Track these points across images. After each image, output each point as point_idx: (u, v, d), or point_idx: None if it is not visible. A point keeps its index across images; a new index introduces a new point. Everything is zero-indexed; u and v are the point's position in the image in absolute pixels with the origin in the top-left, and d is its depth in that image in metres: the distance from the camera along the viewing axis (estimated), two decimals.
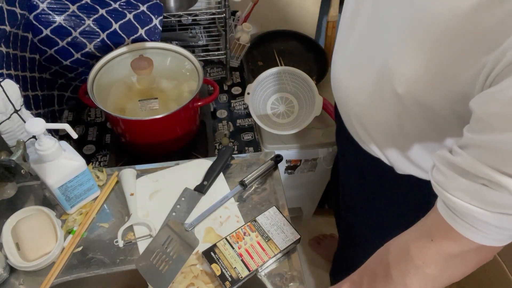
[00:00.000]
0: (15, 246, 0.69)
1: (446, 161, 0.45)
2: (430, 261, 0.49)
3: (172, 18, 1.10)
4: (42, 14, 0.95)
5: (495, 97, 0.39)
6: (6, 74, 0.83)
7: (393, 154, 0.69)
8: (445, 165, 0.45)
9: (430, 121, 0.57)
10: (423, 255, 0.49)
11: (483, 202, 0.41)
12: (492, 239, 0.44)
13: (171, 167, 0.84)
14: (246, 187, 0.80)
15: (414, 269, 0.50)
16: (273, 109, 1.15)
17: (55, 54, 1.01)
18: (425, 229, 0.50)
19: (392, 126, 0.64)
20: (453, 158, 0.43)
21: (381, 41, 0.57)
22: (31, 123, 0.62)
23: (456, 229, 0.45)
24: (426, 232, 0.49)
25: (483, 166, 0.39)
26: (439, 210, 0.47)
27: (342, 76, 0.71)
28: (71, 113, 1.14)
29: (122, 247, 0.72)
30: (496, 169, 0.38)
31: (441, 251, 0.48)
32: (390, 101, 0.59)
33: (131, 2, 1.01)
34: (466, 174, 0.42)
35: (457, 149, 0.43)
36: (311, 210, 1.61)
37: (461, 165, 0.42)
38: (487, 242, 0.45)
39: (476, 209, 0.42)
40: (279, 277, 0.69)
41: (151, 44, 1.00)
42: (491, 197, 0.40)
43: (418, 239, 0.50)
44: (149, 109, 0.92)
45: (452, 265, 0.49)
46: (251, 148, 1.11)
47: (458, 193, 0.43)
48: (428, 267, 0.49)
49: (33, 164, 0.69)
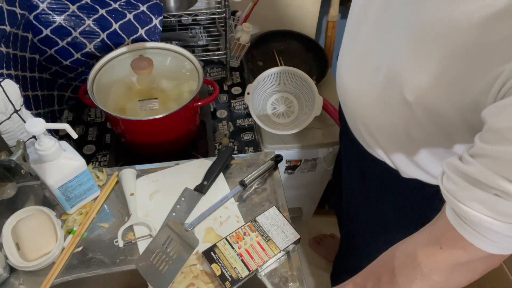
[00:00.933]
0: (15, 246, 0.69)
1: (457, 170, 0.44)
2: (438, 269, 0.48)
3: (172, 18, 1.10)
4: (42, 14, 0.95)
5: (508, 111, 0.38)
6: (6, 74, 0.83)
7: (399, 158, 0.69)
8: (456, 174, 0.44)
9: (439, 127, 0.56)
10: (430, 262, 0.49)
11: (496, 212, 0.41)
12: (501, 248, 0.44)
13: (171, 167, 0.84)
14: (246, 187, 0.80)
15: (421, 276, 0.50)
16: (273, 109, 1.15)
17: (55, 54, 1.01)
18: (433, 236, 0.49)
19: (399, 131, 0.63)
20: (465, 168, 0.43)
21: (389, 45, 0.56)
22: (31, 123, 0.62)
23: (467, 238, 0.45)
24: (434, 240, 0.49)
25: (496, 176, 0.39)
26: (448, 218, 0.46)
27: (347, 79, 0.71)
28: (71, 113, 1.14)
29: (122, 247, 0.72)
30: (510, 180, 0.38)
31: (450, 259, 0.47)
32: (397, 107, 0.58)
33: (131, 2, 1.01)
34: (479, 184, 0.41)
35: (469, 158, 0.43)
36: (311, 210, 1.61)
37: (474, 175, 0.42)
38: (497, 251, 0.44)
39: (488, 219, 0.41)
40: (279, 277, 0.69)
41: (151, 44, 1.00)
42: (504, 208, 0.40)
43: (426, 246, 0.50)
44: (149, 109, 0.92)
45: (460, 273, 0.48)
46: (251, 148, 1.11)
47: (470, 203, 0.42)
48: (435, 274, 0.49)
49: (33, 164, 0.69)
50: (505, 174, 0.38)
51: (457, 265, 0.48)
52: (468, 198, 0.43)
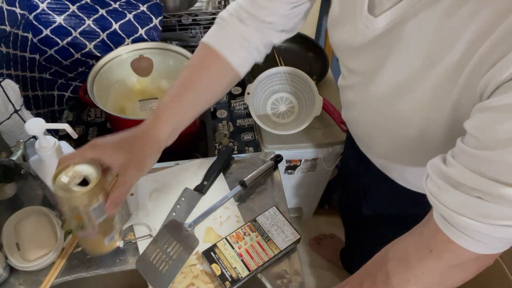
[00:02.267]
0: (15, 246, 0.69)
1: (440, 173, 0.44)
2: (431, 271, 0.48)
3: (172, 18, 1.10)
4: (42, 14, 0.95)
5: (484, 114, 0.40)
6: (6, 74, 0.83)
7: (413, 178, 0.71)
8: (439, 177, 0.44)
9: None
10: (423, 265, 0.49)
11: (480, 215, 0.40)
12: (492, 248, 0.44)
13: (171, 167, 0.84)
14: (246, 187, 0.80)
15: (414, 278, 0.50)
16: (273, 109, 1.15)
17: (55, 54, 1.01)
18: (423, 239, 0.49)
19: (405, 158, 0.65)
20: (447, 170, 0.43)
21: None
22: (31, 123, 0.62)
23: (455, 241, 0.44)
24: (424, 243, 0.49)
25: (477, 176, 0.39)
26: (436, 221, 0.46)
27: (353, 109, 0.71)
28: (71, 113, 1.14)
29: (122, 247, 0.72)
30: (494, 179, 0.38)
31: (441, 261, 0.47)
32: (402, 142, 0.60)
33: (131, 2, 1.01)
34: (461, 187, 0.41)
35: (451, 159, 0.43)
36: (311, 210, 1.61)
37: (455, 177, 0.41)
38: (487, 251, 0.44)
39: (473, 222, 0.41)
40: (279, 277, 0.69)
41: (151, 44, 1.00)
42: (488, 210, 0.40)
43: (417, 249, 0.50)
44: (149, 109, 0.92)
45: (453, 273, 0.49)
46: (251, 148, 1.11)
47: (453, 207, 0.42)
48: (428, 276, 0.49)
49: (33, 164, 0.69)
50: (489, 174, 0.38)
51: (450, 267, 0.47)
52: (451, 201, 0.42)
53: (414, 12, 0.46)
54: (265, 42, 0.69)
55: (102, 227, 0.61)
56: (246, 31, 0.66)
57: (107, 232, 0.63)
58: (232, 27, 0.66)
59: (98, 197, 0.55)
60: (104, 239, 0.64)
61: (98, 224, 0.59)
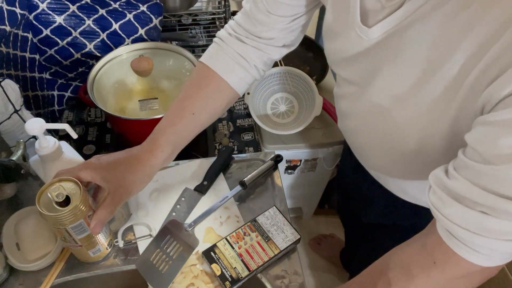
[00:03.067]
0: (15, 246, 0.69)
1: (442, 185, 0.43)
2: (433, 282, 0.47)
3: (172, 18, 1.10)
4: (42, 14, 0.95)
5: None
6: (6, 74, 0.83)
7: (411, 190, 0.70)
8: (441, 189, 0.43)
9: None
10: (425, 276, 0.47)
11: (483, 230, 0.40)
12: (496, 260, 0.43)
13: (171, 167, 0.84)
14: (246, 187, 0.80)
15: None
16: (273, 109, 1.15)
17: (55, 54, 1.01)
18: (426, 249, 0.48)
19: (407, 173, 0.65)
20: (449, 183, 0.42)
21: None
22: (31, 123, 0.62)
23: (459, 253, 0.43)
24: (428, 254, 0.47)
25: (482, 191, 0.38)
26: (439, 232, 0.45)
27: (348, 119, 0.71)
28: (71, 113, 1.14)
29: (122, 247, 0.72)
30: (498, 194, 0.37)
31: (444, 273, 0.46)
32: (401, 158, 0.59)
33: (131, 2, 1.01)
34: (464, 200, 0.40)
35: (454, 172, 0.42)
36: (311, 210, 1.61)
37: (458, 190, 0.41)
38: (492, 263, 0.43)
39: (476, 236, 0.40)
40: (279, 277, 0.69)
41: (151, 44, 1.00)
42: (491, 225, 0.39)
43: (419, 260, 0.48)
44: (149, 109, 0.92)
45: (456, 285, 0.47)
46: (251, 148, 1.11)
47: (456, 220, 0.41)
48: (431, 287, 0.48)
49: (33, 164, 0.69)
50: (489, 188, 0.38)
51: (453, 279, 0.46)
52: (454, 215, 0.42)
53: (409, 22, 0.45)
54: (265, 60, 0.69)
55: (84, 242, 0.63)
56: (244, 50, 0.66)
57: (90, 247, 0.65)
58: (230, 47, 0.66)
59: (77, 216, 0.57)
60: (88, 251, 0.66)
61: (80, 239, 0.61)
